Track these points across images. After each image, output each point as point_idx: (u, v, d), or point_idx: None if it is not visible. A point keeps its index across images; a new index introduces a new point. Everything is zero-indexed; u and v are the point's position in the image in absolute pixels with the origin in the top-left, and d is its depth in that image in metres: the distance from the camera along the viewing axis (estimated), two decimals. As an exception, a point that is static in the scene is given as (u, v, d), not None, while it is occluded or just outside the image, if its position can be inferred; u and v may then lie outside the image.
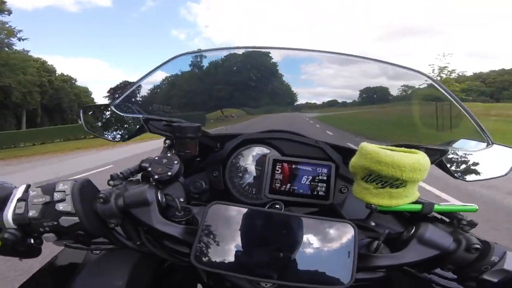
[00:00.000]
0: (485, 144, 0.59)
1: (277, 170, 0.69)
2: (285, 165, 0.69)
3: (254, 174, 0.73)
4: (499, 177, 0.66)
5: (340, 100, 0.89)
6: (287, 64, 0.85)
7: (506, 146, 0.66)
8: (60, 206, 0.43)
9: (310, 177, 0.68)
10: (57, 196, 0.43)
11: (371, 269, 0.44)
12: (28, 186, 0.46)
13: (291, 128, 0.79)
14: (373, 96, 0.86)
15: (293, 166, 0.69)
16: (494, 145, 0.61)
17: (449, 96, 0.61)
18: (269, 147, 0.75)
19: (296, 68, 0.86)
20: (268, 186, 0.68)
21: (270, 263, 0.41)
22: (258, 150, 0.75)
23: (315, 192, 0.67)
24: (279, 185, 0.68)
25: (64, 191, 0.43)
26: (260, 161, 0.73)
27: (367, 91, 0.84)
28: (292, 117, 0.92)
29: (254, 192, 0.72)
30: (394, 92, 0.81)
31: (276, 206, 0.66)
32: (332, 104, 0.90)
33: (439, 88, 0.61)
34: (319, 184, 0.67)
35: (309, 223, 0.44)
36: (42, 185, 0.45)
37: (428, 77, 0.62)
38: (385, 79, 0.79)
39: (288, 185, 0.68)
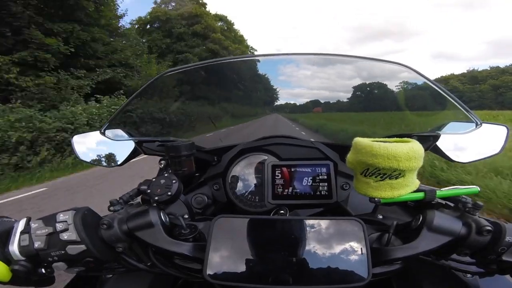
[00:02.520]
0: (474, 124, 0.61)
1: (277, 175, 0.69)
2: (284, 169, 0.69)
3: (255, 182, 0.73)
4: (494, 155, 0.67)
5: (322, 101, 0.91)
6: (268, 69, 0.87)
7: (496, 124, 0.67)
8: (65, 236, 0.43)
9: (311, 178, 0.68)
10: (59, 226, 0.44)
11: (387, 262, 0.44)
12: (29, 219, 0.47)
13: (281, 130, 0.80)
14: (358, 99, 0.88)
15: (292, 169, 0.69)
16: (484, 124, 0.62)
17: (431, 84, 0.62)
18: (266, 153, 0.76)
19: (278, 72, 0.88)
20: (271, 192, 0.68)
21: (284, 269, 0.41)
22: (256, 158, 0.75)
23: (318, 192, 0.67)
24: (281, 190, 0.68)
25: (66, 221, 0.44)
26: (259, 169, 0.73)
27: (357, 90, 0.86)
28: (276, 119, 0.94)
29: (257, 200, 0.72)
30: (377, 89, 0.83)
31: (281, 211, 0.66)
32: (316, 104, 0.92)
33: (421, 76, 0.62)
34: (321, 184, 0.67)
35: (315, 225, 0.44)
36: (43, 217, 0.46)
37: (410, 67, 0.64)
38: (362, 79, 0.81)
39: (290, 189, 0.68)
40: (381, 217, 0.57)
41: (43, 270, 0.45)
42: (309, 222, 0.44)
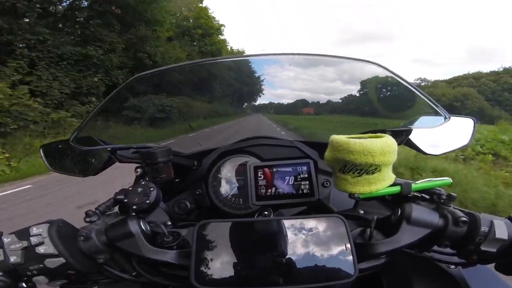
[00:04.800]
0: (443, 118, 0.64)
1: (260, 177, 0.69)
2: (266, 170, 0.69)
3: (238, 184, 0.73)
4: (463, 146, 0.70)
5: (303, 101, 0.91)
6: (251, 69, 0.86)
7: (463, 117, 0.71)
8: (41, 249, 0.43)
9: (293, 177, 0.68)
10: (34, 240, 0.43)
11: (371, 257, 0.45)
12: (0, 234, 0.46)
13: (260, 131, 0.80)
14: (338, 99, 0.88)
15: (274, 170, 0.69)
16: (452, 117, 0.66)
17: (402, 81, 0.65)
18: (247, 155, 0.75)
19: (258, 72, 0.87)
20: (254, 194, 0.67)
21: (271, 271, 0.41)
22: (237, 160, 0.75)
23: (300, 191, 0.68)
24: (264, 190, 0.68)
25: (41, 234, 0.44)
26: (241, 171, 0.73)
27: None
28: (257, 120, 0.93)
29: (241, 202, 0.71)
30: (354, 88, 0.85)
31: (265, 212, 0.66)
32: (306, 104, 0.91)
33: (392, 75, 0.65)
34: (302, 182, 0.68)
35: (299, 224, 0.44)
36: (15, 232, 0.45)
37: (382, 66, 0.66)
38: (341, 81, 0.83)
39: (273, 189, 0.68)
40: (362, 212, 0.58)
41: (24, 285, 0.45)
42: (292, 221, 0.44)
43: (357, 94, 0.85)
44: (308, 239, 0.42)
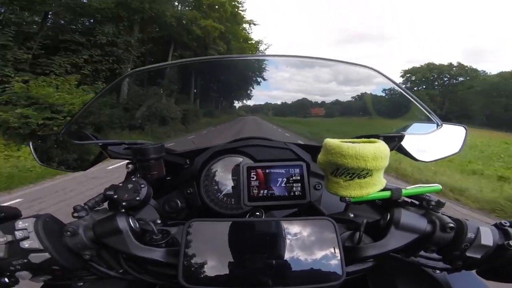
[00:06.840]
0: (435, 125, 0.64)
1: (253, 177, 0.68)
2: (259, 171, 0.69)
3: (230, 184, 0.72)
4: (454, 154, 0.71)
5: (296, 103, 0.90)
6: (246, 69, 0.86)
7: (455, 125, 0.72)
8: (26, 244, 0.42)
9: (285, 179, 0.68)
10: (19, 234, 0.42)
11: (360, 260, 0.45)
12: None
13: (255, 132, 0.79)
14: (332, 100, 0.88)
15: (267, 171, 0.69)
16: (444, 125, 0.67)
17: (398, 88, 0.66)
18: (240, 155, 0.75)
19: (255, 72, 0.87)
20: (247, 194, 0.67)
21: (261, 272, 0.41)
22: (230, 160, 0.74)
23: (292, 193, 0.68)
24: (256, 191, 0.67)
25: (26, 229, 0.43)
26: (234, 171, 0.72)
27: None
28: (253, 121, 0.92)
29: (233, 202, 0.71)
30: (349, 92, 0.85)
31: (257, 213, 0.66)
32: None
33: (388, 80, 0.66)
34: (294, 185, 0.68)
35: (290, 226, 0.44)
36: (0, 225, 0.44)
37: (378, 71, 0.67)
38: (337, 82, 0.83)
39: (266, 190, 0.68)
40: (352, 215, 0.58)
41: (6, 280, 0.44)
42: (282, 223, 0.45)
43: (355, 97, 0.85)
44: (297, 241, 0.43)
